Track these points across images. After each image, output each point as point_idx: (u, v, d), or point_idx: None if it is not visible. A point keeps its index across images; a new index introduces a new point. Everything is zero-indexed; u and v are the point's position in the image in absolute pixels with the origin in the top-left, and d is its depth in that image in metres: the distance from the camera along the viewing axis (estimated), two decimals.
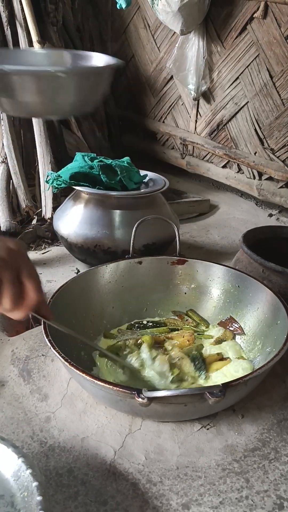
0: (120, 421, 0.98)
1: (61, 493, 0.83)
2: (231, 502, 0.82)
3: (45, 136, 1.98)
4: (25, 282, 0.75)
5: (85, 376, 0.87)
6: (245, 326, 1.19)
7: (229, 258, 1.68)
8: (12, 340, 1.24)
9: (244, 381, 0.86)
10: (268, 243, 1.49)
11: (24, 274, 0.75)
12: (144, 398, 0.80)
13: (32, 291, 0.75)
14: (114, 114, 2.73)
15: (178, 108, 2.52)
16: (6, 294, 0.73)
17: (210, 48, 2.20)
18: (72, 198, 1.56)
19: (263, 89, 2.07)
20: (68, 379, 1.09)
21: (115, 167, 1.52)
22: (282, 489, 0.85)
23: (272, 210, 2.28)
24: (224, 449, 0.92)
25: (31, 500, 0.72)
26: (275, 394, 1.07)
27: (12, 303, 0.74)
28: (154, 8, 2.10)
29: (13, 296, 0.73)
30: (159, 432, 0.96)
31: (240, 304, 1.22)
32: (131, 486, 0.85)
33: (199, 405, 0.88)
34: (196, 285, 1.30)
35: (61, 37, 2.26)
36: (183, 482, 0.86)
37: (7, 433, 0.95)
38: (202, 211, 2.24)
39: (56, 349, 0.93)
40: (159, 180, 1.60)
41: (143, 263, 1.30)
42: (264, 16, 1.95)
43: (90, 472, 0.87)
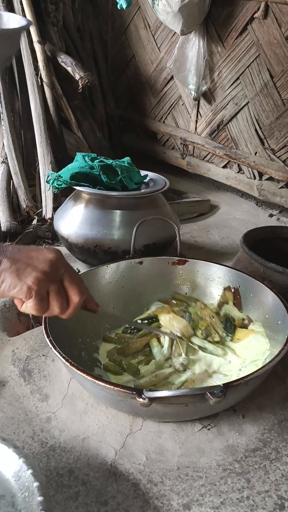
0: (121, 421, 0.98)
1: (61, 493, 0.83)
2: (232, 503, 0.82)
3: (45, 136, 1.98)
4: (68, 289, 0.83)
5: (86, 376, 0.87)
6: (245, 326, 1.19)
7: (229, 259, 1.68)
8: (12, 340, 1.24)
9: (245, 381, 0.86)
10: (268, 243, 1.49)
11: (67, 281, 0.82)
12: (145, 398, 0.80)
13: (76, 295, 0.83)
14: (114, 114, 2.73)
15: (178, 108, 2.52)
16: (54, 304, 0.81)
17: (211, 48, 2.20)
18: (72, 198, 1.56)
19: (263, 89, 2.07)
20: (69, 379, 1.09)
21: (115, 167, 1.52)
22: (283, 489, 0.85)
23: (273, 210, 2.28)
24: (225, 449, 0.92)
25: (32, 501, 0.72)
26: (276, 394, 1.06)
27: (60, 309, 0.82)
28: (155, 8, 2.09)
29: (60, 304, 0.81)
30: (160, 432, 0.96)
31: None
32: (132, 487, 0.85)
33: (200, 405, 0.88)
34: (197, 285, 1.30)
35: (61, 37, 2.26)
36: (184, 483, 0.86)
37: (8, 433, 0.95)
38: (202, 211, 2.24)
39: (57, 349, 0.93)
40: (159, 180, 1.60)
41: (144, 263, 1.30)
42: (264, 16, 1.95)
43: (91, 473, 0.87)
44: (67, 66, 2.01)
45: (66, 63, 2.02)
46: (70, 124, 2.29)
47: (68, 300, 0.83)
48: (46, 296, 0.79)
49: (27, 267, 0.77)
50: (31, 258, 0.79)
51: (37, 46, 2.03)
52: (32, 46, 2.04)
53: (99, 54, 2.65)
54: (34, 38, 2.03)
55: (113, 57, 2.75)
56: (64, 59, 2.04)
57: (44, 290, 0.79)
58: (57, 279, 0.81)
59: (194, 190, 2.48)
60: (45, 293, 0.79)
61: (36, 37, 2.02)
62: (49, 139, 2.00)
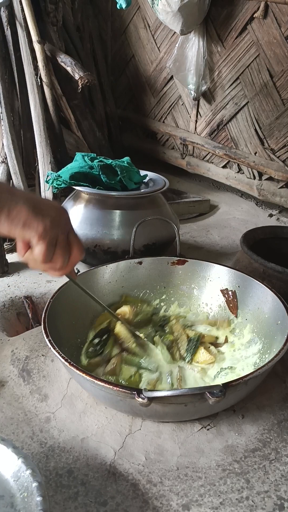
0: (120, 422, 0.98)
1: (61, 493, 0.83)
2: (231, 503, 0.82)
3: (45, 136, 1.98)
4: (73, 243, 0.83)
5: (85, 376, 0.87)
6: (245, 326, 1.19)
7: (229, 259, 1.68)
8: (12, 340, 1.24)
9: (244, 381, 0.86)
10: (268, 243, 1.49)
11: (72, 234, 0.83)
12: (144, 398, 0.80)
13: (78, 252, 0.84)
14: (114, 114, 2.73)
15: (178, 108, 2.52)
16: (59, 255, 0.80)
17: (210, 48, 2.20)
18: (72, 198, 1.56)
19: (263, 89, 2.07)
20: (68, 379, 1.09)
21: (115, 167, 1.51)
22: (283, 489, 0.84)
23: (272, 210, 2.28)
24: (224, 450, 0.92)
25: (31, 501, 0.72)
26: (276, 394, 1.06)
27: (62, 263, 0.82)
28: (154, 8, 2.09)
29: (64, 258, 0.81)
30: (159, 432, 0.96)
31: (240, 305, 1.22)
32: (131, 487, 0.84)
33: (199, 405, 0.88)
34: (196, 286, 1.30)
35: (61, 37, 2.26)
36: (183, 483, 0.85)
37: (7, 433, 0.95)
38: (202, 211, 2.24)
39: (56, 349, 0.93)
40: (159, 180, 1.60)
41: (143, 263, 1.30)
42: (264, 16, 1.95)
43: (90, 473, 0.87)
44: (67, 66, 2.01)
45: (65, 63, 2.02)
46: (69, 124, 2.29)
47: (70, 256, 0.83)
48: (55, 244, 0.79)
49: (43, 209, 0.77)
50: (45, 205, 0.79)
51: (37, 46, 2.02)
52: (32, 46, 2.03)
53: (99, 54, 2.65)
54: (33, 38, 2.02)
55: (113, 57, 2.75)
56: (64, 59, 2.04)
57: (56, 237, 0.78)
58: (66, 231, 0.81)
59: (193, 190, 2.48)
60: (55, 240, 0.78)
61: (36, 37, 2.02)
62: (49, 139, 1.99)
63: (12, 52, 2.08)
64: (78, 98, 2.27)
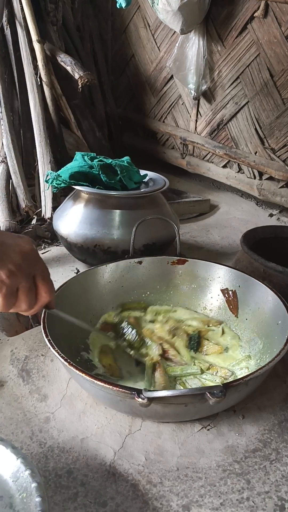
0: (120, 422, 0.98)
1: (60, 494, 0.83)
2: (232, 504, 0.81)
3: (44, 135, 1.98)
4: (39, 286, 0.80)
5: (84, 376, 0.86)
6: (245, 326, 1.19)
7: (229, 258, 1.68)
8: (11, 340, 1.23)
9: (244, 381, 0.86)
10: (268, 243, 1.48)
11: (38, 277, 0.79)
12: (144, 398, 0.80)
13: (46, 294, 0.81)
14: (114, 114, 2.73)
15: (178, 108, 2.51)
16: (22, 301, 0.78)
17: (211, 47, 2.20)
18: (71, 197, 1.56)
19: (263, 89, 2.06)
20: (68, 379, 1.08)
21: (115, 166, 1.51)
22: (283, 490, 0.84)
23: (273, 210, 2.28)
24: (224, 450, 0.92)
25: (30, 501, 0.72)
26: (276, 394, 1.06)
27: (27, 307, 0.79)
28: (154, 7, 2.09)
29: (29, 302, 0.79)
30: (159, 432, 0.95)
31: (240, 304, 1.21)
32: (131, 487, 0.84)
33: (199, 406, 0.88)
34: (197, 285, 1.29)
35: (61, 37, 2.26)
36: (183, 483, 0.85)
37: (6, 433, 0.94)
38: (202, 211, 2.24)
39: (55, 349, 0.92)
40: (159, 179, 1.60)
41: (143, 263, 1.29)
42: (264, 15, 1.94)
43: (90, 473, 0.87)
44: (67, 66, 2.01)
45: (65, 63, 2.02)
46: (69, 123, 2.29)
47: (37, 298, 0.81)
48: (15, 292, 0.76)
49: (2, 257, 0.73)
50: (7, 247, 0.75)
51: (37, 46, 2.02)
52: (32, 45, 2.03)
53: (99, 54, 2.65)
54: (33, 38, 2.02)
55: (113, 56, 2.74)
56: (64, 58, 2.04)
57: (16, 285, 0.75)
58: (30, 275, 0.78)
59: (194, 189, 2.47)
60: (15, 288, 0.75)
61: (36, 37, 2.02)
62: (49, 139, 1.99)
63: (12, 52, 2.08)
64: (78, 98, 2.26)
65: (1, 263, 0.73)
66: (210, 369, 1.08)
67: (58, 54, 2.07)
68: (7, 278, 0.73)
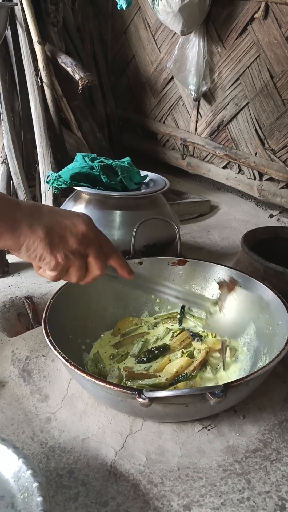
0: (121, 422, 0.98)
1: (61, 494, 0.83)
2: (232, 503, 0.81)
3: (45, 136, 1.98)
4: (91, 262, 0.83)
5: (85, 376, 0.87)
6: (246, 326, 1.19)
7: (229, 259, 1.68)
8: (12, 340, 1.24)
9: (245, 381, 0.86)
10: (268, 243, 1.49)
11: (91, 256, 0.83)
12: (145, 399, 0.80)
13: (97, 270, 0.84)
14: (114, 115, 2.73)
15: (178, 109, 2.52)
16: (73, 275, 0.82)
17: (211, 48, 2.20)
18: (72, 198, 1.56)
19: (263, 90, 2.07)
20: (69, 380, 1.09)
21: (115, 167, 1.51)
22: (284, 490, 0.84)
23: (273, 210, 2.28)
24: (225, 450, 0.92)
25: (31, 501, 0.72)
26: (276, 394, 1.06)
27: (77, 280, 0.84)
28: (155, 8, 2.09)
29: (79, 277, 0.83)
30: (160, 433, 0.96)
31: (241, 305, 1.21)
32: (132, 487, 0.84)
33: (200, 406, 0.88)
34: (197, 286, 1.29)
35: (61, 38, 2.26)
36: (184, 483, 0.85)
37: (8, 434, 0.95)
38: (202, 212, 2.24)
39: (56, 349, 0.92)
40: (159, 180, 1.60)
41: (144, 264, 1.29)
42: (264, 16, 1.95)
43: (91, 473, 0.87)
44: (67, 67, 2.01)
45: (66, 64, 2.02)
46: (70, 124, 2.29)
47: (87, 271, 0.84)
48: (67, 270, 0.81)
49: (60, 241, 0.78)
50: (65, 229, 0.79)
51: (37, 47, 2.03)
52: (32, 46, 2.04)
53: (99, 55, 2.65)
54: (34, 39, 2.02)
55: (113, 57, 2.75)
56: (64, 59, 2.04)
57: (69, 265, 0.80)
58: (84, 256, 0.82)
59: (194, 190, 2.48)
60: (67, 267, 0.81)
61: (36, 38, 2.02)
62: (49, 140, 1.99)
63: (12, 53, 2.08)
64: (79, 99, 2.27)
65: (59, 246, 0.78)
66: None
67: (58, 55, 2.07)
68: (62, 260, 0.78)
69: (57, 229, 0.78)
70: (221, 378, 1.08)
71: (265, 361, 1.04)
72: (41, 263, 0.79)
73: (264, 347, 1.09)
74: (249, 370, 1.08)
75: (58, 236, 0.78)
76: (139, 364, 1.11)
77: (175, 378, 1.04)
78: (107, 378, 1.06)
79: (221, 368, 1.11)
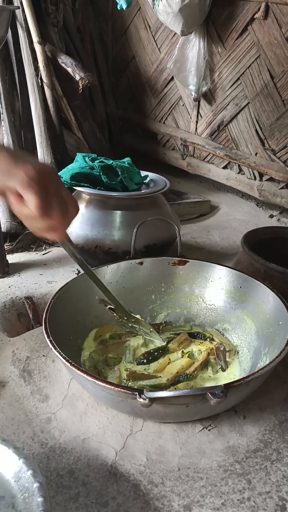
0: (121, 422, 0.98)
1: (62, 494, 0.83)
2: (233, 504, 0.81)
3: (45, 136, 1.98)
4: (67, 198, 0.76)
5: (86, 376, 0.87)
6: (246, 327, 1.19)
7: (230, 259, 1.68)
8: (12, 340, 1.23)
9: (245, 381, 0.86)
10: (269, 244, 1.49)
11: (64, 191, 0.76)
12: (146, 399, 0.80)
13: (74, 207, 0.77)
14: (114, 115, 2.73)
15: (178, 109, 2.52)
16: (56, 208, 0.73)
17: (211, 49, 2.20)
18: None
19: (264, 90, 2.07)
20: (69, 380, 1.08)
21: (115, 167, 1.51)
22: (284, 490, 0.84)
23: (273, 211, 2.28)
24: (225, 450, 0.92)
25: (31, 501, 0.72)
26: (277, 395, 1.06)
27: (61, 213, 0.75)
28: (155, 8, 2.09)
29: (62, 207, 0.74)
30: (161, 433, 0.96)
31: (241, 305, 1.22)
32: (132, 488, 0.84)
33: (200, 406, 0.88)
34: (197, 286, 1.29)
35: (62, 38, 2.26)
36: (184, 484, 0.85)
37: (8, 434, 0.95)
38: (202, 212, 2.24)
39: (57, 349, 0.92)
40: (159, 180, 1.60)
41: (144, 264, 1.29)
42: (265, 17, 1.95)
43: (91, 473, 0.87)
44: (67, 67, 2.01)
45: (66, 64, 2.02)
46: (70, 124, 2.29)
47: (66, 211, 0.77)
48: (46, 194, 0.72)
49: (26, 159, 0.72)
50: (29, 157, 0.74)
51: (37, 47, 2.03)
52: (32, 46, 2.04)
53: (99, 55, 2.65)
54: (34, 39, 2.02)
55: (114, 57, 2.75)
56: (65, 59, 2.04)
57: (45, 185, 0.72)
58: (55, 184, 0.75)
59: (194, 191, 2.47)
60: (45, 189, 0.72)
61: (37, 38, 2.02)
62: (49, 140, 1.99)
63: (12, 53, 2.08)
64: (79, 99, 2.27)
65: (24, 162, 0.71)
66: None
67: (59, 55, 2.07)
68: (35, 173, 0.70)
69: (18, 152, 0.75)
70: (221, 378, 1.08)
71: (265, 361, 1.04)
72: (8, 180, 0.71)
73: (265, 347, 1.09)
74: (249, 370, 1.08)
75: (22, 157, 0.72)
76: (139, 365, 1.11)
77: (175, 378, 1.04)
78: (108, 379, 1.06)
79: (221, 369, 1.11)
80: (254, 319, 1.17)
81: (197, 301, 1.29)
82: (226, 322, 1.24)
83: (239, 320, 1.21)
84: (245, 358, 1.13)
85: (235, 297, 1.23)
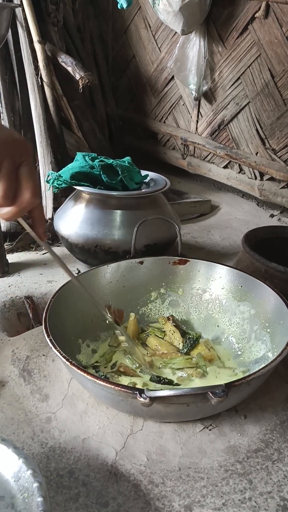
0: (122, 422, 0.97)
1: (61, 494, 0.82)
2: (234, 504, 0.81)
3: (45, 136, 1.98)
4: (23, 179, 0.67)
5: (86, 376, 0.86)
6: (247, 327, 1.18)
7: (230, 259, 1.67)
8: (12, 340, 1.23)
9: (247, 381, 0.86)
10: (269, 243, 1.48)
11: (24, 170, 0.67)
12: (146, 398, 0.79)
13: (28, 191, 0.67)
14: (115, 114, 2.73)
15: (179, 108, 2.52)
16: None
17: (211, 48, 2.20)
18: (72, 198, 1.56)
19: (264, 89, 2.06)
20: (69, 379, 1.08)
21: (116, 166, 1.51)
22: (286, 490, 0.84)
23: (274, 210, 2.27)
24: (226, 450, 0.92)
25: (31, 502, 0.71)
26: (278, 394, 1.06)
27: (4, 195, 0.65)
28: (155, 8, 2.09)
29: (7, 189, 0.65)
30: (161, 432, 0.95)
31: (242, 305, 1.21)
32: (132, 488, 0.84)
33: (201, 405, 0.88)
34: (198, 286, 1.29)
35: (62, 37, 2.26)
36: (185, 484, 0.85)
37: (8, 433, 0.94)
38: (203, 212, 2.23)
39: (57, 348, 0.92)
40: (160, 180, 1.60)
41: (145, 263, 1.29)
42: (265, 16, 1.94)
43: (91, 473, 0.86)
44: (68, 66, 2.01)
45: (66, 63, 2.02)
46: (70, 124, 2.29)
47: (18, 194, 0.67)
48: None
49: None
50: None
51: (38, 46, 2.02)
52: (33, 46, 2.03)
53: (100, 54, 2.65)
54: (34, 38, 2.02)
55: (114, 57, 2.75)
56: (65, 59, 2.04)
57: None
58: (15, 160, 0.66)
59: (194, 190, 2.47)
60: None
61: (37, 37, 2.01)
62: (49, 139, 1.99)
63: (12, 52, 2.08)
64: (79, 99, 2.26)
65: None
66: None
67: (59, 55, 2.07)
68: None
69: None
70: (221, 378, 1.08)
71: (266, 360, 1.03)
72: None
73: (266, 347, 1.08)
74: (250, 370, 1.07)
75: None
76: None
77: None
78: None
79: None
80: (255, 319, 1.17)
81: (197, 301, 1.29)
82: (227, 322, 1.23)
83: (239, 320, 1.21)
84: (245, 358, 1.13)
85: (236, 296, 1.23)
